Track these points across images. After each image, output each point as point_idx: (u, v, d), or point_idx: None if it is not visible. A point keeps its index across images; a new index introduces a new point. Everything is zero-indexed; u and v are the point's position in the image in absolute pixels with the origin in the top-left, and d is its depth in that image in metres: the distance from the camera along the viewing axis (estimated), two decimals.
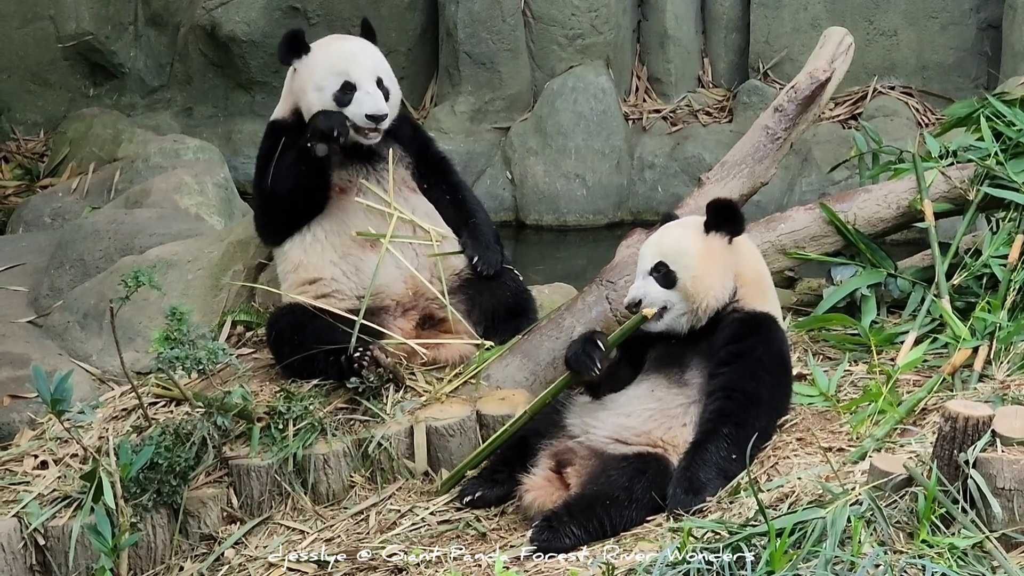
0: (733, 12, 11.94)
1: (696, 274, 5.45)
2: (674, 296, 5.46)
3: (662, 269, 5.48)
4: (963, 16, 11.67)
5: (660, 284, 5.47)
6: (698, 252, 5.48)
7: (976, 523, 4.42)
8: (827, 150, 11.05)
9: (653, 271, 5.50)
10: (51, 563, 5.55)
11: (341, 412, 5.87)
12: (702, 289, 5.45)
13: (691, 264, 5.47)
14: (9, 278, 8.01)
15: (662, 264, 5.49)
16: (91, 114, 11.22)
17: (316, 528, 5.64)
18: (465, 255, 6.26)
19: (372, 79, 6.12)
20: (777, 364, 5.49)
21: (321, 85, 6.10)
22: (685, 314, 5.48)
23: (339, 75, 6.09)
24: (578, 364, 5.50)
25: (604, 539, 5.16)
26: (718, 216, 5.51)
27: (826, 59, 6.62)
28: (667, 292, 5.46)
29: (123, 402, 6.12)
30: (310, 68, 6.14)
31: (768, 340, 5.47)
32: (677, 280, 5.46)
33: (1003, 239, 6.18)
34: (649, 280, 5.50)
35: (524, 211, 11.37)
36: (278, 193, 6.11)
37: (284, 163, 6.09)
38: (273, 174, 6.11)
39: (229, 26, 11.74)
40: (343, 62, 6.12)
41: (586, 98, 11.39)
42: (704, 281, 5.46)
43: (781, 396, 5.53)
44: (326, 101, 6.08)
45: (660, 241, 5.58)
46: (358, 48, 6.24)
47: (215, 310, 6.63)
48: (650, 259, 5.53)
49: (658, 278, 5.48)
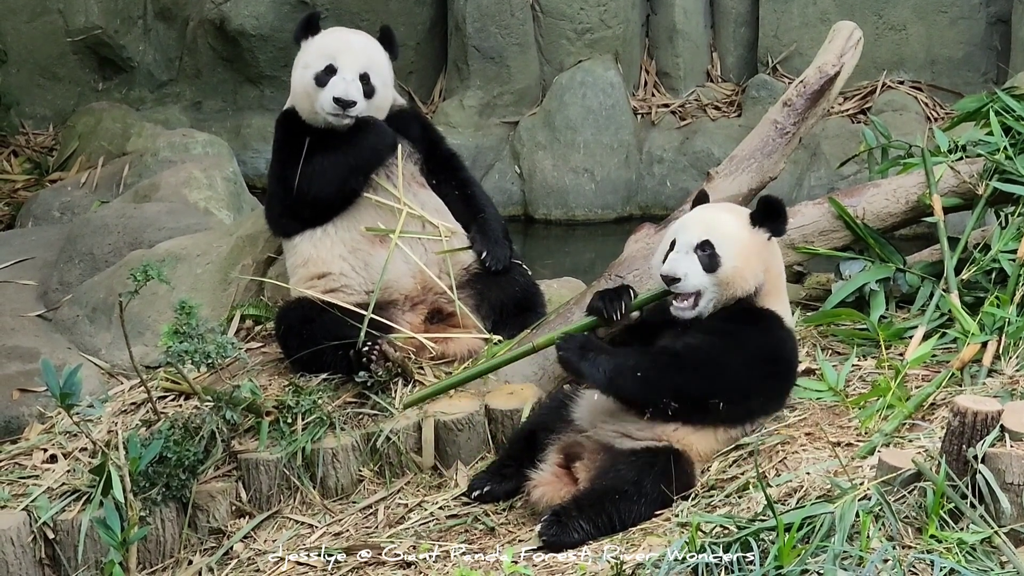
0: (742, 6, 11.93)
1: (738, 264, 5.37)
2: (711, 281, 5.38)
3: (708, 249, 5.38)
4: (972, 10, 11.65)
5: (703, 264, 5.38)
6: (744, 242, 5.39)
7: (985, 518, 4.42)
8: (836, 145, 11.04)
9: (699, 248, 5.39)
10: (60, 557, 5.56)
11: (350, 406, 5.88)
12: (739, 280, 5.38)
13: (737, 253, 5.37)
14: (18, 272, 8.02)
15: (709, 244, 5.38)
16: (100, 108, 11.22)
17: (325, 522, 5.65)
18: (474, 250, 6.27)
19: (356, 70, 6.16)
20: (762, 355, 5.42)
21: (308, 63, 6.20)
22: (713, 301, 5.41)
23: (327, 58, 6.18)
24: (603, 304, 5.55)
25: (613, 534, 5.16)
26: (769, 212, 5.44)
27: (835, 54, 6.61)
28: (706, 276, 5.37)
29: (132, 396, 6.13)
30: (309, 47, 6.25)
31: (763, 331, 5.43)
32: (720, 265, 5.38)
33: (1012, 234, 6.18)
34: (692, 258, 5.38)
35: (532, 205, 11.37)
36: (314, 195, 6.12)
37: (325, 167, 6.12)
38: (308, 175, 6.13)
39: (238, 20, 11.75)
40: (335, 47, 6.21)
41: (595, 92, 11.38)
42: (743, 273, 5.38)
43: (752, 385, 5.42)
44: (307, 80, 6.18)
45: (710, 219, 5.46)
46: (358, 42, 6.30)
47: (224, 304, 6.64)
48: (697, 234, 5.41)
49: (702, 257, 5.37)
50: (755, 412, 5.47)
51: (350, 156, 6.10)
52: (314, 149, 6.11)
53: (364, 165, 6.13)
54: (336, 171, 6.10)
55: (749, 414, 5.45)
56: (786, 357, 5.53)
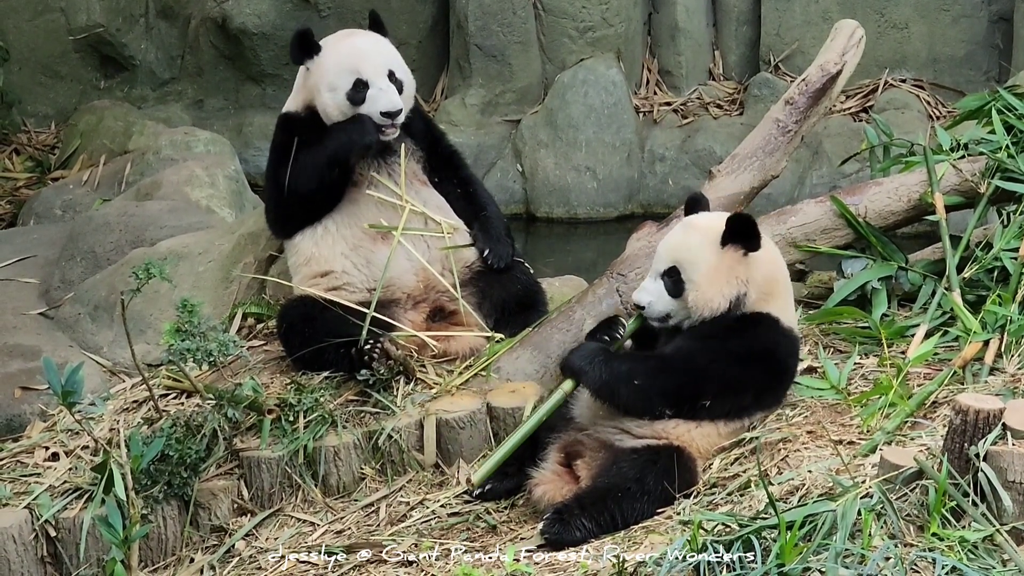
0: (744, 5, 11.93)
1: (701, 289, 5.42)
2: (678, 306, 5.46)
3: (674, 276, 5.46)
4: (974, 9, 11.65)
5: (668, 290, 5.46)
6: (709, 267, 5.42)
7: (986, 516, 4.42)
8: (838, 143, 11.04)
9: (665, 275, 5.48)
10: (62, 555, 5.56)
11: (351, 404, 5.88)
12: (702, 303, 5.42)
13: (699, 279, 5.42)
14: (20, 270, 8.03)
15: (674, 270, 5.46)
16: (102, 106, 11.22)
17: (326, 520, 5.65)
18: (476, 248, 6.27)
19: (384, 74, 6.12)
20: (748, 353, 5.44)
21: (334, 85, 6.09)
22: (686, 320, 5.49)
23: (351, 73, 6.08)
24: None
25: (615, 532, 5.16)
26: (734, 231, 5.45)
27: (837, 52, 6.61)
28: (672, 302, 5.46)
29: (134, 394, 6.13)
30: (322, 68, 6.13)
31: (752, 332, 5.45)
32: (684, 291, 5.44)
33: (1014, 232, 6.17)
34: (659, 284, 5.48)
35: (534, 204, 11.37)
36: (299, 192, 6.11)
37: (307, 162, 6.09)
38: (294, 172, 6.11)
39: (240, 18, 11.75)
40: (353, 59, 6.11)
41: (597, 91, 11.38)
42: (706, 295, 5.42)
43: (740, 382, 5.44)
44: (340, 101, 6.08)
45: (679, 244, 5.53)
46: (368, 43, 6.23)
47: (226, 302, 6.64)
48: (665, 261, 5.50)
49: (667, 284, 5.47)
50: (749, 408, 5.49)
51: (326, 149, 6.07)
52: (299, 149, 6.10)
53: (336, 157, 6.07)
54: (314, 166, 6.08)
55: (743, 409, 5.47)
56: (777, 354, 5.52)
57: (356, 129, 6.07)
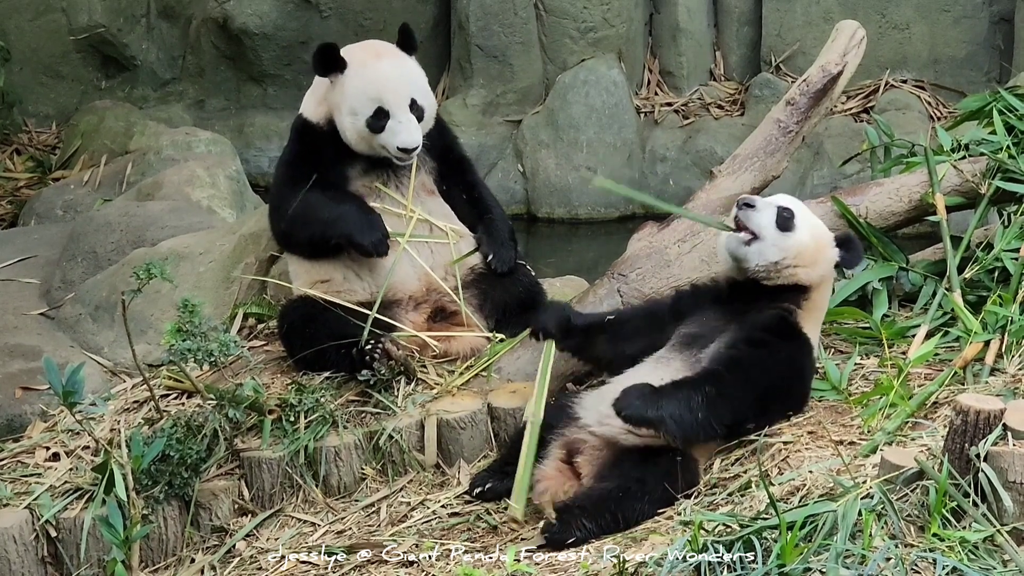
0: (745, 5, 11.93)
1: (806, 243, 5.42)
2: (776, 239, 5.42)
3: (787, 213, 5.45)
4: (975, 9, 11.65)
5: (777, 221, 5.43)
6: (820, 237, 5.49)
7: (987, 517, 4.43)
8: (839, 143, 11.04)
9: (780, 210, 5.46)
10: (63, 555, 5.57)
11: (352, 405, 5.88)
12: (798, 259, 5.43)
13: (810, 234, 5.45)
14: (21, 270, 8.02)
15: (790, 211, 5.45)
16: (103, 107, 11.22)
17: (327, 520, 5.65)
18: (480, 251, 6.26)
19: (405, 105, 6.06)
20: (790, 373, 5.47)
21: (355, 110, 6.04)
22: (766, 264, 5.44)
23: (373, 101, 6.03)
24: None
25: (616, 532, 5.16)
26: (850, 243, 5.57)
27: (838, 52, 6.61)
28: (774, 230, 5.43)
29: (135, 394, 6.13)
30: (344, 89, 6.08)
31: (795, 352, 5.46)
32: (792, 231, 5.42)
33: (1015, 233, 6.17)
34: (771, 208, 5.46)
35: (536, 204, 11.37)
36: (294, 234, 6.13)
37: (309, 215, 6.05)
38: (297, 211, 6.07)
39: (241, 19, 11.75)
40: (377, 87, 6.05)
41: (598, 91, 11.39)
42: (804, 255, 5.42)
43: (776, 401, 5.47)
44: (360, 127, 6.04)
45: (800, 203, 5.57)
46: (393, 69, 6.12)
47: (227, 302, 6.64)
48: (783, 200, 5.50)
49: (779, 215, 5.44)
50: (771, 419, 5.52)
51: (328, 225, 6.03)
52: (314, 187, 6.06)
53: (335, 234, 6.02)
54: (316, 222, 6.04)
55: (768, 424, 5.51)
56: (804, 386, 5.57)
57: (366, 225, 5.99)
